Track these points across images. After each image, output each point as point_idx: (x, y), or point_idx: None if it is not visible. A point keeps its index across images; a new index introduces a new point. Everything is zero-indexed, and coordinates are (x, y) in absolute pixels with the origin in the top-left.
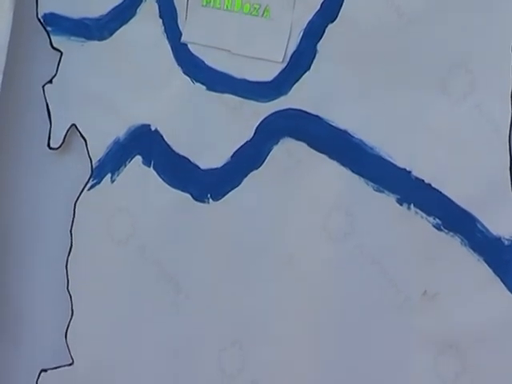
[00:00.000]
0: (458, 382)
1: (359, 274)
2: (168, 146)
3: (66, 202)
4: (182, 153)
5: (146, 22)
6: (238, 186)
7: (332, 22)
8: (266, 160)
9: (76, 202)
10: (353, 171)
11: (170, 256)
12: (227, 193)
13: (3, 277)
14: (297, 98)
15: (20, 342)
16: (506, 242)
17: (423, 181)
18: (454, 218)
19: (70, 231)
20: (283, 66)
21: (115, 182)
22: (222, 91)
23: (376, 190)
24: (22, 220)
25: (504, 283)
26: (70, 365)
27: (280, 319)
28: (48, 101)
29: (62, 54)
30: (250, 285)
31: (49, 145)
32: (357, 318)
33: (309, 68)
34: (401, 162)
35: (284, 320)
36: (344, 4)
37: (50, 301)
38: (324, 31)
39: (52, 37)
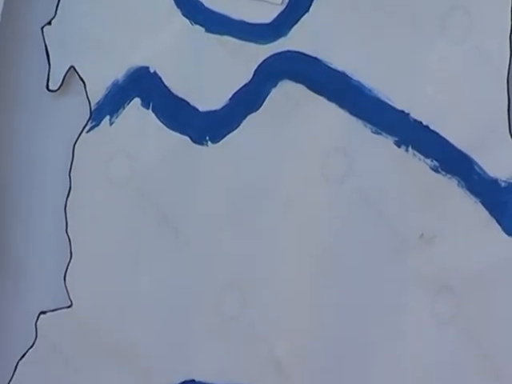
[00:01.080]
0: (454, 323)
1: (357, 215)
2: (167, 88)
3: (65, 145)
4: (180, 95)
5: None
6: (236, 128)
7: None
8: (265, 102)
9: (75, 144)
10: (351, 113)
11: (168, 199)
12: (226, 135)
13: (1, 219)
14: (296, 39)
15: (19, 285)
16: (503, 184)
17: (421, 123)
18: (451, 160)
19: (69, 174)
20: (282, 7)
21: (114, 125)
22: (221, 33)
23: (374, 132)
24: (20, 163)
25: (500, 225)
26: (69, 307)
27: (279, 262)
28: (47, 43)
29: None
30: (248, 227)
31: (48, 87)
32: (354, 259)
33: (308, 10)
34: (399, 103)
35: (283, 263)
36: None
37: (49, 243)
38: None
39: None
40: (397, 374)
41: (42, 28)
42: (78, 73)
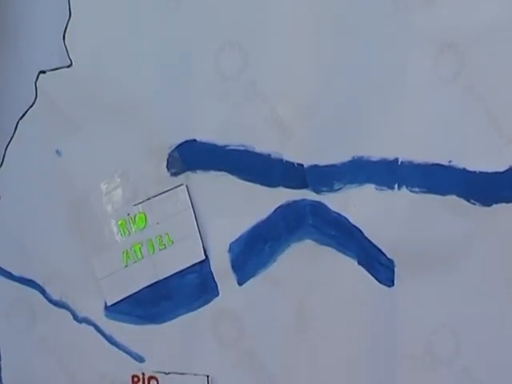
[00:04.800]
0: (456, 82)
1: None
2: None
3: None
4: None
5: None
6: None
7: None
8: None
9: None
10: None
11: None
12: None
13: None
14: None
15: (18, 44)
16: None
17: None
18: None
19: None
20: None
21: None
22: None
23: None
24: None
25: None
26: (69, 66)
27: (280, 18)
28: None
29: None
30: None
31: None
32: (356, 17)
33: None
34: None
35: (285, 19)
36: None
37: (48, 3)
38: None
39: None
40: (398, 134)
41: None
42: None
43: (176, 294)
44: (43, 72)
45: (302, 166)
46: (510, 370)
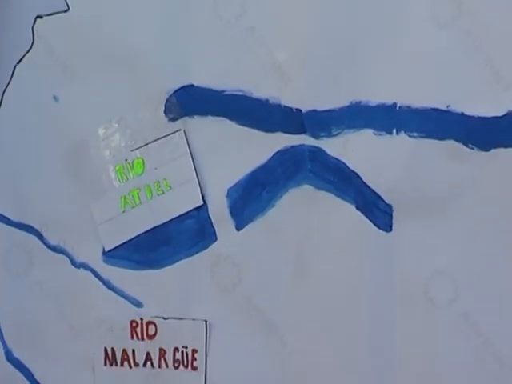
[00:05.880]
0: (454, 26)
1: None
2: None
3: None
4: None
5: None
6: None
7: None
8: None
9: None
10: None
11: None
12: None
13: None
14: None
15: None
16: None
17: None
18: None
19: None
20: None
21: None
22: None
23: None
24: None
25: None
26: (66, 11)
27: None
28: None
29: None
30: None
31: None
32: None
33: None
34: None
35: None
36: None
37: None
38: None
39: None
40: (397, 78)
41: None
42: None
43: (174, 240)
44: (40, 17)
45: (300, 111)
46: (507, 315)
